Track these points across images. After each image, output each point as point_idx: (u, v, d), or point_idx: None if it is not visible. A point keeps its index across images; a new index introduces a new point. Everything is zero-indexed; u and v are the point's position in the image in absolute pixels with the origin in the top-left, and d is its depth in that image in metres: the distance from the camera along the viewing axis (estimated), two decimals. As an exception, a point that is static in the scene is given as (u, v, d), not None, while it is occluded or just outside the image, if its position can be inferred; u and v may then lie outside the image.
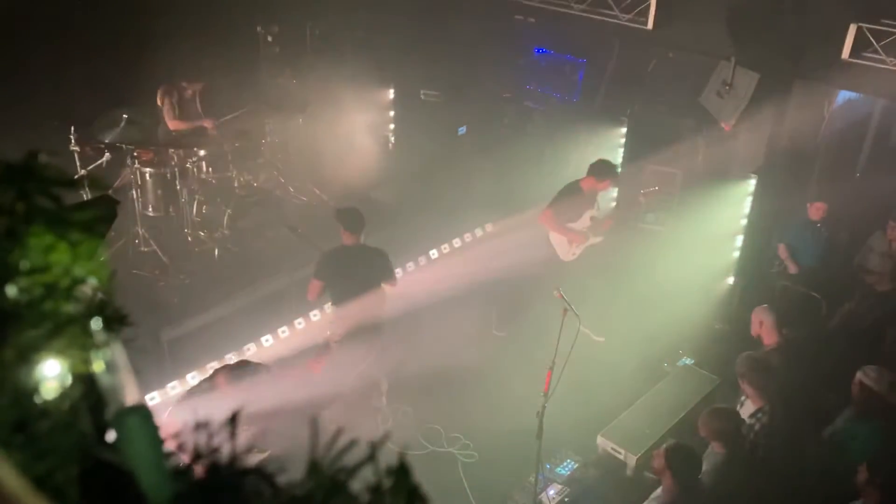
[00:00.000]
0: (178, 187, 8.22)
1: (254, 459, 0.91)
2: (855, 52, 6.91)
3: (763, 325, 6.24)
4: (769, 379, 5.57)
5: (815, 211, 7.83)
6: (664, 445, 4.98)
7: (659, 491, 4.89)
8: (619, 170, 7.57)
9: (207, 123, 8.79)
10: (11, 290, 0.85)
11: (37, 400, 0.85)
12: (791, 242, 8.08)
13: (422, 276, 8.68)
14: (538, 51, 10.27)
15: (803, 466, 5.36)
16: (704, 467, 4.99)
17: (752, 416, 5.50)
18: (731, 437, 5.19)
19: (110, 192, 7.44)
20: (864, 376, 5.47)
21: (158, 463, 0.88)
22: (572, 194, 7.56)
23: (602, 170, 7.52)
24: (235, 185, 8.66)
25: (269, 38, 9.86)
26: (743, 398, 5.79)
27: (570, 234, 7.62)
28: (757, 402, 5.54)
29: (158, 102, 8.61)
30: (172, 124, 8.60)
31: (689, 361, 7.17)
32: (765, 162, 8.32)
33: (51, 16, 7.72)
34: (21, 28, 7.68)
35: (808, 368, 6.48)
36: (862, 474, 4.70)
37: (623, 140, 9.62)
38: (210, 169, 8.49)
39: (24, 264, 0.85)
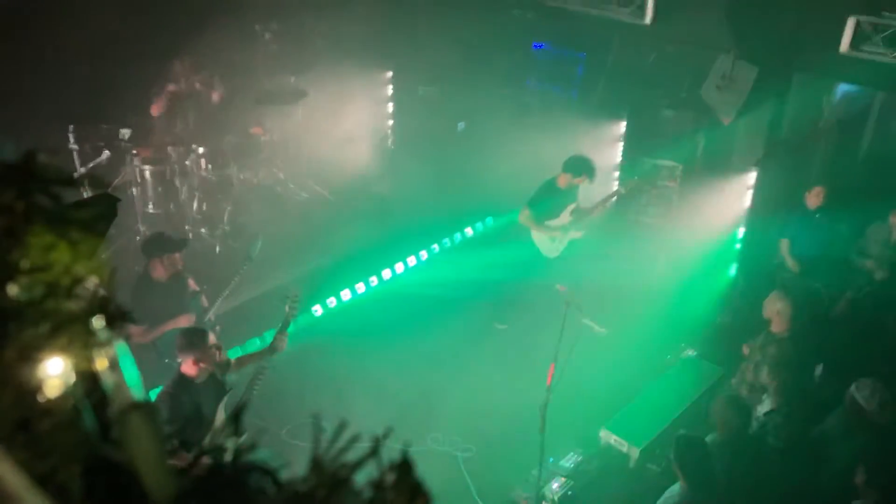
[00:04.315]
0: (178, 184, 8.23)
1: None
2: (854, 44, 6.89)
3: (779, 314, 6.20)
4: (789, 377, 5.53)
5: (814, 197, 7.79)
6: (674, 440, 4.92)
7: (675, 487, 4.83)
8: (594, 164, 7.55)
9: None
10: (13, 289, 0.85)
11: (39, 398, 0.85)
12: (791, 234, 8.05)
13: (422, 271, 8.69)
14: (537, 46, 10.25)
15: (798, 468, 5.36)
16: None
17: (766, 413, 5.47)
18: (737, 428, 5.18)
19: (110, 190, 7.43)
20: (857, 391, 5.28)
21: (161, 460, 0.88)
22: (550, 191, 7.55)
23: (577, 165, 7.49)
24: (235, 181, 8.67)
25: (268, 36, 9.84)
26: (764, 396, 5.76)
27: (550, 232, 7.62)
28: (775, 400, 5.50)
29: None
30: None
31: (691, 353, 7.17)
32: (765, 154, 8.31)
33: (50, 14, 7.71)
34: (21, 27, 7.67)
35: (812, 360, 6.48)
36: (860, 476, 4.69)
37: (623, 134, 9.62)
38: (210, 166, 8.49)
39: (25, 263, 0.85)
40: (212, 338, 5.04)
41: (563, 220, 7.63)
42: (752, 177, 8.52)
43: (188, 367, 4.95)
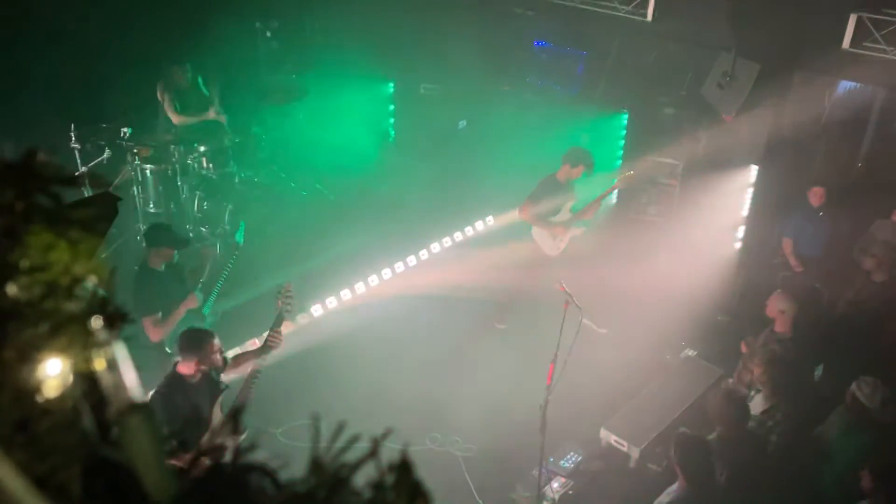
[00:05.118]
0: (179, 183, 8.23)
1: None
2: (855, 41, 6.88)
3: (783, 313, 6.18)
4: (787, 377, 5.52)
5: (815, 196, 7.80)
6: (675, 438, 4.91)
7: (675, 486, 4.83)
8: (592, 155, 7.56)
9: (211, 113, 8.75)
10: (12, 289, 0.85)
11: (38, 399, 0.85)
12: (793, 233, 8.05)
13: (423, 270, 8.69)
14: (538, 43, 10.25)
15: (800, 466, 5.35)
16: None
17: (764, 412, 5.47)
18: (735, 421, 5.17)
19: (111, 189, 7.43)
20: (858, 389, 5.28)
21: (161, 461, 0.88)
22: (550, 187, 7.55)
23: (574, 156, 7.50)
24: (236, 180, 8.66)
25: (268, 34, 9.84)
26: (753, 393, 5.76)
27: (552, 228, 7.61)
28: (769, 399, 5.49)
29: (159, 97, 8.59)
30: (175, 118, 8.58)
31: (691, 353, 7.17)
32: (766, 153, 8.31)
33: (50, 13, 7.71)
34: (21, 26, 7.67)
35: (813, 360, 6.46)
36: (866, 480, 4.66)
37: (624, 132, 9.61)
38: (211, 165, 8.49)
39: (24, 263, 0.85)
40: (215, 341, 5.00)
41: (564, 217, 7.62)
42: (753, 175, 8.51)
43: (186, 367, 4.89)
